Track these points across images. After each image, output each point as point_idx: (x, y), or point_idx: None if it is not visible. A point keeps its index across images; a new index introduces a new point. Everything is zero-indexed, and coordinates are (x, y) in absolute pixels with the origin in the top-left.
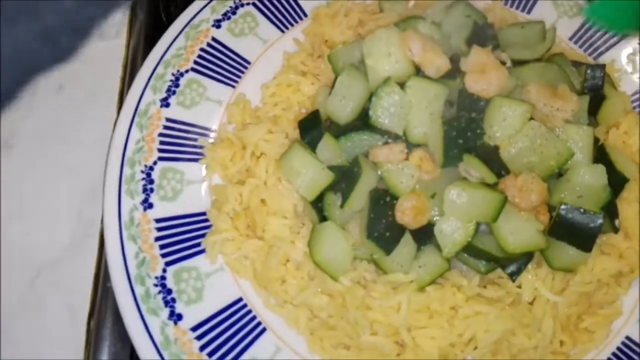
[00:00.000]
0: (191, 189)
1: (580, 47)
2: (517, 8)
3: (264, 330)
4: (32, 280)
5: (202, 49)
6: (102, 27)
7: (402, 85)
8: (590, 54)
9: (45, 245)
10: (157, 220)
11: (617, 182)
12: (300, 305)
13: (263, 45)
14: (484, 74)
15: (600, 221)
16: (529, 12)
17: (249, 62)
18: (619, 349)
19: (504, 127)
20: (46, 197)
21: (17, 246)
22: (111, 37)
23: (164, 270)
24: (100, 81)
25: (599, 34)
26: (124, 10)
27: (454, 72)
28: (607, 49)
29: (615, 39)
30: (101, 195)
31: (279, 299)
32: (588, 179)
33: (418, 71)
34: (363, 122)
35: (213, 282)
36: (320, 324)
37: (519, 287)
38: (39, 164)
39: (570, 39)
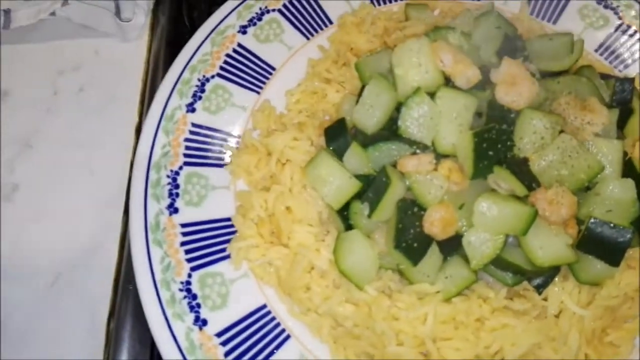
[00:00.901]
0: (216, 194)
1: (606, 59)
2: (543, 19)
3: (288, 337)
4: (53, 281)
5: (227, 55)
6: (124, 29)
7: (431, 95)
8: (615, 67)
9: (65, 247)
10: (183, 225)
11: None
12: (325, 314)
13: (288, 52)
14: (514, 86)
15: (629, 236)
16: (554, 23)
17: (274, 69)
18: None
19: (535, 139)
20: (66, 199)
21: (38, 248)
22: (132, 40)
23: (189, 275)
24: (120, 83)
25: (624, 46)
26: (146, 13)
27: (484, 83)
28: (633, 62)
29: None
30: (121, 198)
31: (303, 307)
32: (618, 193)
33: (447, 81)
34: (390, 131)
35: (238, 288)
36: (344, 332)
37: (545, 299)
38: (59, 165)
39: (596, 50)
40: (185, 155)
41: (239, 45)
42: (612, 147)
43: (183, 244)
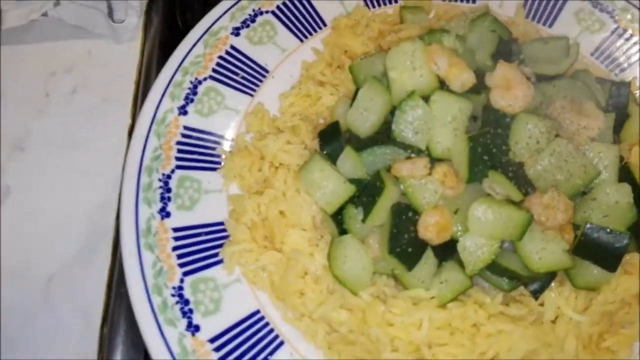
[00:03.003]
0: (209, 198)
1: (602, 63)
2: (538, 22)
3: (281, 343)
4: (45, 286)
5: (220, 57)
6: (117, 30)
7: (425, 99)
8: (611, 70)
9: (58, 251)
10: (175, 230)
11: None
12: (319, 319)
13: (282, 54)
14: (509, 90)
15: (626, 241)
16: (550, 27)
17: (267, 71)
18: None
19: (530, 143)
20: (59, 201)
21: (30, 251)
22: (126, 41)
23: (182, 281)
24: (113, 85)
25: (620, 50)
26: (139, 15)
27: (479, 87)
28: (629, 66)
29: (637, 55)
30: (114, 201)
31: (297, 313)
32: (614, 198)
33: (441, 85)
34: (385, 135)
35: (230, 293)
36: (338, 338)
37: (542, 305)
38: (51, 167)
39: (592, 54)
40: (177, 159)
41: (232, 47)
42: (608, 151)
43: (175, 248)
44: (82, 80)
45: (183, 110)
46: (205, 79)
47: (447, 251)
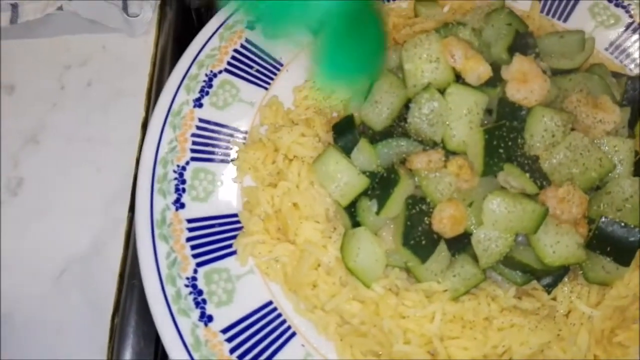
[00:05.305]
0: (223, 190)
1: (617, 57)
2: (553, 17)
3: (293, 334)
4: (58, 277)
5: (235, 50)
6: (131, 24)
7: (441, 91)
8: (626, 65)
9: (70, 243)
10: (189, 221)
11: None
12: (331, 311)
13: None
14: (525, 83)
15: None
16: (565, 21)
17: (281, 65)
18: None
19: (545, 137)
20: (72, 194)
21: (43, 242)
22: (140, 35)
23: (195, 271)
24: (127, 79)
25: (635, 45)
26: (153, 9)
27: (494, 80)
28: None
29: None
30: (126, 194)
31: (309, 304)
32: (629, 192)
33: (457, 78)
34: (399, 128)
35: (243, 284)
36: (350, 330)
37: (554, 299)
38: (65, 160)
39: (607, 49)
40: (192, 151)
41: (247, 40)
42: (623, 145)
43: (189, 239)
44: (97, 74)
45: (198, 103)
46: (220, 72)
47: (460, 244)
